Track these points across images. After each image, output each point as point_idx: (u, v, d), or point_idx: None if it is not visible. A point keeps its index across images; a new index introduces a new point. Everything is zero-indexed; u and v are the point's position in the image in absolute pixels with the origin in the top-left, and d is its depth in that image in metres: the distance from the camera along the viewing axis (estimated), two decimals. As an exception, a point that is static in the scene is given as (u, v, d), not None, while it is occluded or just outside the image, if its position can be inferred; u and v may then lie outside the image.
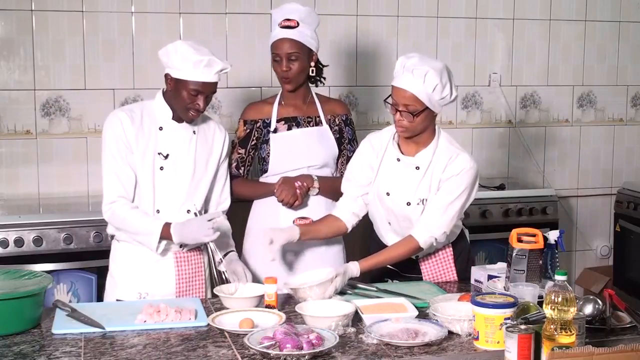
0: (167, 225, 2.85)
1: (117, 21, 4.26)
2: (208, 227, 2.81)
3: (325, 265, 3.21)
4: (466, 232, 3.18)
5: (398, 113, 2.81)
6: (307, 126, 3.28)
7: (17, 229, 3.67)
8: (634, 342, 2.06)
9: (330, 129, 3.30)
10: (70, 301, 3.61)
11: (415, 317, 2.48)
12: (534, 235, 2.72)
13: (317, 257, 3.24)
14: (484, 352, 2.28)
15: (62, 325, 2.45)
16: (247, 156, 3.30)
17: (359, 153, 3.05)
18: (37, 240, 3.67)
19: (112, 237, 3.03)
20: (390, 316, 2.45)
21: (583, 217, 5.20)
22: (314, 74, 3.27)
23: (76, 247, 3.73)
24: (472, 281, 2.98)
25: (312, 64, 3.24)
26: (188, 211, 2.95)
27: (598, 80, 5.15)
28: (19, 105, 4.18)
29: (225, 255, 2.97)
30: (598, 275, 4.97)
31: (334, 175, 3.31)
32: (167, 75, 2.88)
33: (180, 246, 2.93)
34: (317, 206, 3.22)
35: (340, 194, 3.17)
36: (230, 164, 3.22)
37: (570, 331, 2.12)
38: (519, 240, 2.71)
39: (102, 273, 3.23)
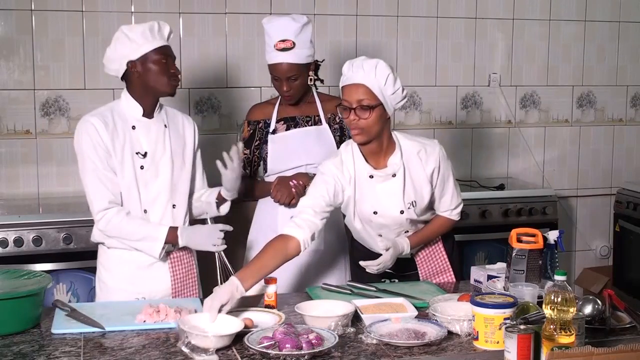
0: (172, 230, 2.84)
1: (117, 21, 4.25)
2: (218, 236, 2.81)
3: (327, 274, 3.24)
4: None
5: (352, 113, 2.73)
6: (306, 125, 3.29)
7: (16, 229, 3.67)
8: (634, 342, 2.06)
9: (330, 128, 3.30)
10: (69, 301, 3.61)
11: (415, 317, 2.48)
12: (533, 236, 2.72)
13: (318, 258, 3.26)
14: (484, 352, 2.28)
15: (61, 325, 2.45)
16: (253, 156, 3.32)
17: (330, 179, 2.83)
18: (37, 240, 3.67)
19: (98, 243, 2.97)
20: (389, 316, 2.45)
21: (583, 217, 5.20)
22: (313, 83, 3.28)
23: (76, 246, 3.73)
24: (472, 281, 2.98)
25: (311, 73, 3.24)
26: (174, 206, 2.93)
27: (598, 80, 5.15)
28: (18, 105, 4.18)
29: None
30: (598, 275, 4.97)
31: None
32: (129, 65, 2.83)
33: (173, 245, 2.91)
34: None
35: None
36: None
37: (570, 331, 2.12)
38: (519, 241, 2.71)
39: (101, 273, 3.23)
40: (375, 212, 2.89)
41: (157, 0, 4.30)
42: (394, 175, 2.85)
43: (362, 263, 2.90)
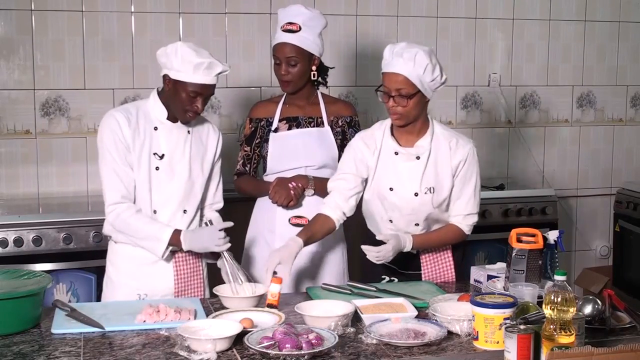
0: (176, 232, 2.85)
1: (117, 21, 4.27)
2: (219, 236, 2.80)
3: (328, 268, 3.23)
4: None
5: (391, 100, 2.83)
6: (308, 126, 3.29)
7: (16, 229, 3.67)
8: (633, 342, 2.06)
9: (332, 130, 3.30)
10: (69, 301, 3.61)
11: (415, 317, 2.48)
12: (533, 236, 2.72)
13: (318, 258, 3.25)
14: (484, 352, 2.28)
15: (61, 325, 2.45)
16: (253, 154, 3.32)
17: (352, 151, 3.01)
18: (37, 240, 3.67)
19: (109, 237, 3.01)
20: (389, 316, 2.45)
21: (583, 217, 5.20)
22: (315, 78, 3.27)
23: (75, 246, 3.73)
24: (472, 281, 2.98)
25: (314, 68, 3.24)
26: (185, 211, 2.95)
27: (598, 80, 5.15)
28: (18, 105, 4.18)
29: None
30: (597, 275, 4.97)
31: None
32: (165, 76, 2.88)
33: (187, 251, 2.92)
34: (313, 206, 3.22)
35: None
36: (237, 161, 3.29)
37: (570, 331, 2.12)
38: (519, 241, 2.71)
39: (101, 273, 3.22)
40: (391, 189, 2.94)
41: (157, 0, 4.31)
42: (418, 158, 2.91)
43: (363, 247, 2.89)
